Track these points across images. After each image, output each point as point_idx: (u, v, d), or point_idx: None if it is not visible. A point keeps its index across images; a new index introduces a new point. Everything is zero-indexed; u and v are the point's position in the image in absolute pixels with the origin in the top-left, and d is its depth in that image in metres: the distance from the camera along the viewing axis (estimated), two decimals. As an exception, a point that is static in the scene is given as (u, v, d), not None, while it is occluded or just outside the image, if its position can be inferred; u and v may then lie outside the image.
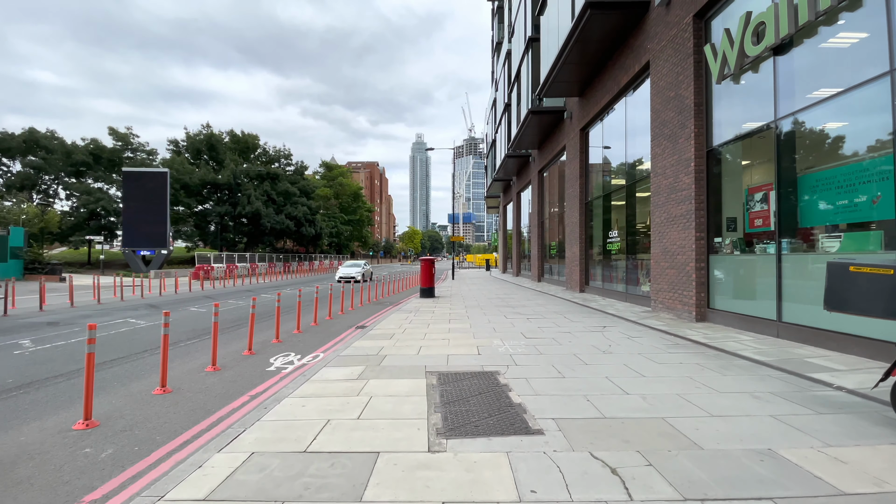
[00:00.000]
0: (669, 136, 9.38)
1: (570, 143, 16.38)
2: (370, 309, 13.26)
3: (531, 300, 13.78)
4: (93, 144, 35.89)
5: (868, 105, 5.58)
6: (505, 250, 38.24)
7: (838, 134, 6.10)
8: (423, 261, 15.41)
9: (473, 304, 12.89)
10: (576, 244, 15.73)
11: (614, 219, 13.38)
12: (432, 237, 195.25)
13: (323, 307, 13.09)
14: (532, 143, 21.63)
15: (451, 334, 7.68)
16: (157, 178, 32.42)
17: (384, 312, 11.98)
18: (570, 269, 16.49)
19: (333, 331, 9.22)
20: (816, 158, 6.46)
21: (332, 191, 70.72)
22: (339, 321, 10.69)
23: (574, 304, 12.47)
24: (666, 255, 9.48)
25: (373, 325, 8.92)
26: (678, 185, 9.03)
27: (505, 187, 34.78)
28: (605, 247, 13.62)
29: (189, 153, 44.41)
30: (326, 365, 5.65)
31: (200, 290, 21.45)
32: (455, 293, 17.03)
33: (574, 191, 15.93)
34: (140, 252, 32.63)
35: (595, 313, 10.33)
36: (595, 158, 14.90)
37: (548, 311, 10.99)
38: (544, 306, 12.00)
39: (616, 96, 12.51)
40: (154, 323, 10.38)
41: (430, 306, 12.27)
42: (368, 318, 10.97)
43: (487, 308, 11.72)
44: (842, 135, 6.05)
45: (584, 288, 15.38)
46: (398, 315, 10.36)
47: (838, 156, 6.06)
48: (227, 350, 7.40)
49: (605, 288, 13.65)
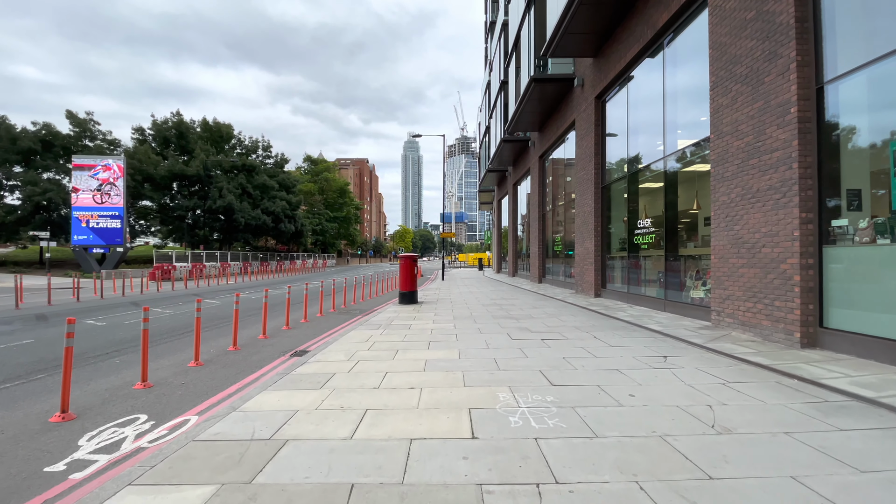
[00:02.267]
0: (746, 77, 6.51)
1: (583, 115, 13.50)
2: (332, 320, 10.26)
3: (537, 307, 10.87)
4: (45, 130, 32.21)
5: None
6: (499, 249, 35.36)
7: None
8: (402, 259, 12.44)
9: (464, 313, 9.95)
10: (590, 238, 12.86)
11: (644, 205, 10.51)
12: (424, 236, 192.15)
13: (275, 316, 10.08)
14: (532, 124, 18.73)
15: (426, 375, 4.71)
16: (111, 168, 29.00)
17: (344, 327, 8.99)
18: (581, 269, 13.61)
19: (252, 362, 6.21)
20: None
21: (317, 186, 67.30)
22: (275, 342, 7.68)
23: (594, 313, 9.58)
24: (739, 248, 6.62)
25: (314, 353, 5.94)
26: (763, 144, 6.16)
27: (499, 179, 31.88)
28: (632, 240, 10.74)
29: (156, 142, 40.75)
30: (133, 482, 2.63)
31: (152, 292, 18.24)
32: (443, 297, 14.08)
33: (587, 173, 13.06)
34: (93, 250, 29.18)
35: (632, 329, 7.43)
36: (616, 131, 12.03)
37: (565, 324, 8.08)
38: (557, 317, 9.09)
39: (648, 46, 9.66)
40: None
41: (408, 317, 9.31)
42: (317, 337, 7.97)
43: (483, 320, 8.78)
44: None
45: (600, 292, 12.51)
46: (359, 333, 7.38)
47: None
48: (34, 408, 4.37)
49: (632, 293, 10.78)
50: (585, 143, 13.26)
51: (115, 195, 28.97)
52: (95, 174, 28.79)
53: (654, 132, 10.00)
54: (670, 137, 9.22)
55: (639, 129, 10.73)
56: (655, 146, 9.89)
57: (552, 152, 18.13)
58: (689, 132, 8.66)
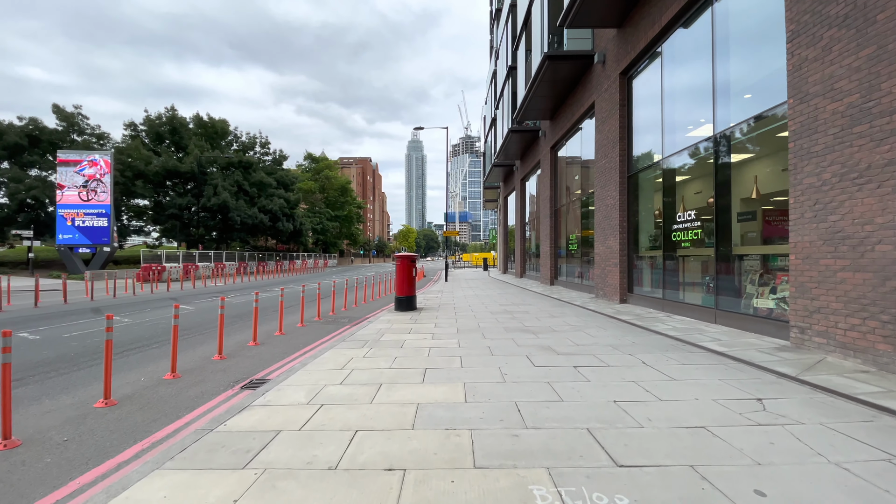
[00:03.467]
0: (846, 18, 4.88)
1: (604, 96, 11.86)
2: (312, 332, 8.69)
3: (556, 316, 9.25)
4: (32, 125, 30.82)
5: None
6: (505, 248, 33.71)
7: None
8: (398, 259, 10.86)
9: (470, 324, 8.35)
10: (613, 236, 11.23)
11: (685, 196, 8.88)
12: (427, 236, 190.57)
13: (246, 328, 8.57)
14: (543, 111, 17.08)
15: (416, 439, 3.11)
16: (98, 164, 27.58)
17: (323, 343, 7.42)
18: (602, 271, 11.98)
19: (183, 401, 4.62)
20: None
21: (318, 184, 65.80)
22: (230, 365, 6.10)
23: (627, 324, 7.95)
24: (837, 246, 4.98)
25: (270, 386, 4.36)
26: (877, 104, 4.52)
27: (506, 175, 30.24)
28: (669, 237, 9.10)
29: (149, 138, 39.30)
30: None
31: (129, 295, 16.75)
32: (445, 302, 12.48)
33: (610, 162, 11.43)
34: (78, 250, 27.78)
35: (687, 350, 5.79)
36: (646, 112, 10.39)
37: (596, 341, 6.46)
38: (583, 330, 7.47)
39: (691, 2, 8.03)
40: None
41: (403, 329, 7.72)
42: (285, 360, 6.39)
43: (493, 334, 7.18)
44: None
45: (626, 297, 10.88)
46: (338, 354, 5.81)
47: None
48: None
49: (668, 299, 9.13)
50: (608, 127, 11.62)
51: (101, 192, 27.53)
52: (81, 170, 27.35)
53: (696, 108, 8.36)
54: (721, 112, 7.58)
55: (676, 105, 9.09)
56: (698, 124, 8.25)
57: (566, 142, 16.48)
58: (746, 104, 7.02)
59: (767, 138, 6.64)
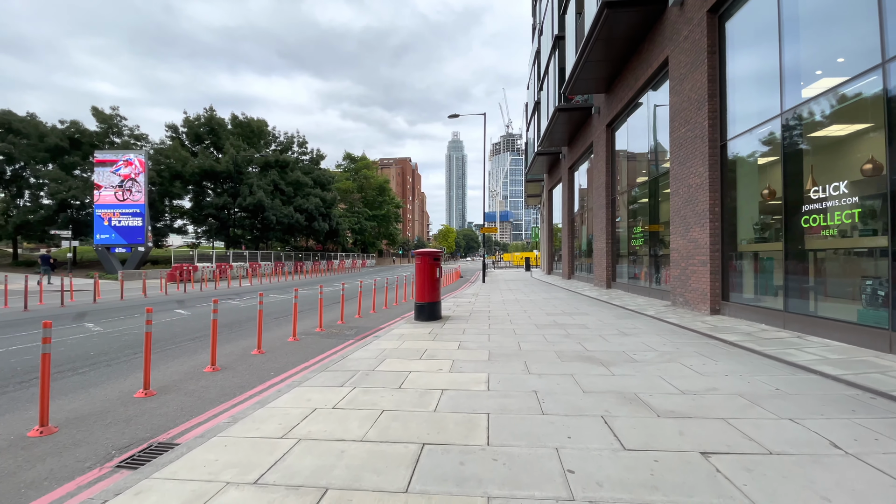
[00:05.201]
0: None
1: (682, 48, 9.18)
2: (301, 351, 6.71)
3: (627, 332, 6.76)
4: (73, 128, 31.47)
5: None
6: (550, 246, 30.87)
7: None
8: (418, 257, 8.73)
9: (508, 344, 6.06)
10: (699, 225, 8.56)
11: (821, 162, 6.15)
12: (467, 236, 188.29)
13: (225, 341, 6.77)
14: (598, 81, 14.40)
15: None
16: (133, 164, 27.46)
17: (300, 371, 5.39)
18: (682, 272, 9.30)
19: (22, 482, 2.68)
20: None
21: (356, 184, 65.17)
22: (152, 408, 4.17)
23: (743, 350, 5.37)
24: None
25: (153, 469, 2.32)
26: None
27: (550, 165, 27.48)
28: (797, 223, 6.38)
29: (189, 139, 39.58)
30: None
31: (153, 295, 15.75)
32: (479, 310, 10.22)
33: (694, 128, 8.76)
34: (115, 250, 27.79)
35: (891, 410, 3.23)
36: (747, 58, 7.67)
37: (712, 385, 4.00)
38: (679, 361, 4.99)
39: None
40: None
41: (413, 353, 5.55)
42: (229, 402, 4.38)
43: (542, 364, 4.86)
44: None
45: (718, 306, 8.18)
46: (298, 401, 3.73)
47: None
48: None
49: (793, 311, 6.40)
50: (688, 85, 8.94)
51: (136, 192, 27.39)
52: (117, 170, 27.34)
53: (845, 33, 5.64)
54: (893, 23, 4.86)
55: (804, 38, 6.36)
56: (855, 53, 5.53)
57: (626, 117, 13.74)
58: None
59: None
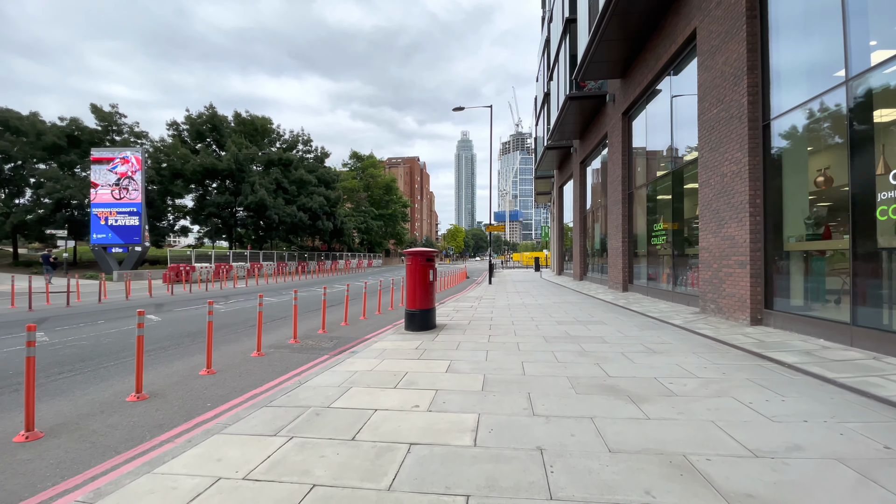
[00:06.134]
0: None
1: (713, 16, 7.94)
2: (258, 372, 5.65)
3: (655, 350, 5.58)
4: (73, 125, 30.95)
5: None
6: (561, 245, 29.57)
7: None
8: (409, 257, 7.62)
9: (510, 366, 4.93)
10: (736, 220, 7.33)
11: (888, 143, 4.91)
12: (476, 235, 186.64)
13: (182, 355, 5.71)
14: (612, 66, 13.16)
15: None
16: (129, 161, 26.77)
17: (238, 406, 4.32)
18: (714, 274, 8.06)
19: None
20: None
21: (362, 183, 64.29)
22: (49, 446, 3.11)
23: (811, 378, 4.18)
24: None
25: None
26: None
27: (561, 160, 26.19)
28: (865, 217, 5.13)
29: (191, 137, 38.93)
30: None
31: (137, 297, 14.89)
32: (480, 316, 9.08)
33: (729, 107, 7.52)
34: (111, 250, 27.12)
35: None
36: (796, 23, 6.43)
37: (790, 439, 2.83)
38: (730, 395, 3.82)
39: None
40: None
41: (389, 378, 4.45)
42: (113, 460, 3.31)
43: (552, 398, 3.73)
44: None
45: (760, 315, 6.94)
46: (199, 467, 2.64)
47: None
48: None
49: (863, 325, 5.16)
50: (721, 58, 7.71)
51: (133, 190, 26.68)
52: (114, 168, 26.66)
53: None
54: None
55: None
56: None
57: (645, 103, 12.48)
58: None
59: None
